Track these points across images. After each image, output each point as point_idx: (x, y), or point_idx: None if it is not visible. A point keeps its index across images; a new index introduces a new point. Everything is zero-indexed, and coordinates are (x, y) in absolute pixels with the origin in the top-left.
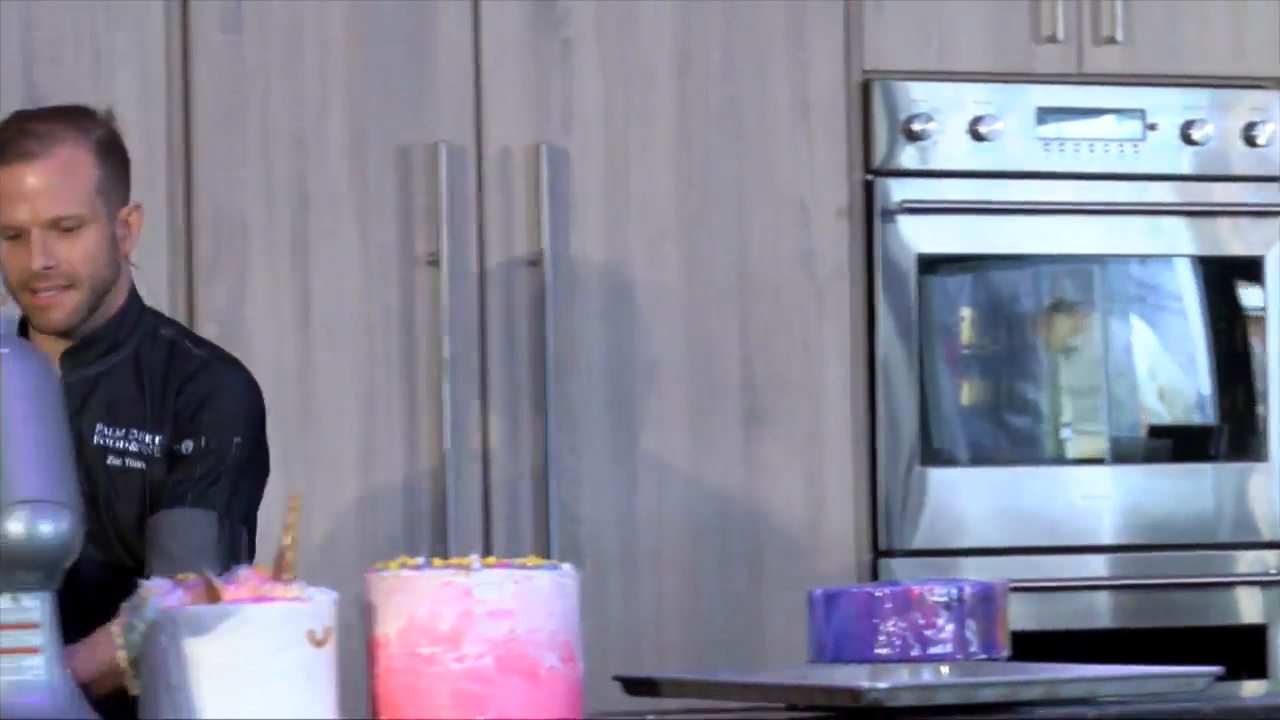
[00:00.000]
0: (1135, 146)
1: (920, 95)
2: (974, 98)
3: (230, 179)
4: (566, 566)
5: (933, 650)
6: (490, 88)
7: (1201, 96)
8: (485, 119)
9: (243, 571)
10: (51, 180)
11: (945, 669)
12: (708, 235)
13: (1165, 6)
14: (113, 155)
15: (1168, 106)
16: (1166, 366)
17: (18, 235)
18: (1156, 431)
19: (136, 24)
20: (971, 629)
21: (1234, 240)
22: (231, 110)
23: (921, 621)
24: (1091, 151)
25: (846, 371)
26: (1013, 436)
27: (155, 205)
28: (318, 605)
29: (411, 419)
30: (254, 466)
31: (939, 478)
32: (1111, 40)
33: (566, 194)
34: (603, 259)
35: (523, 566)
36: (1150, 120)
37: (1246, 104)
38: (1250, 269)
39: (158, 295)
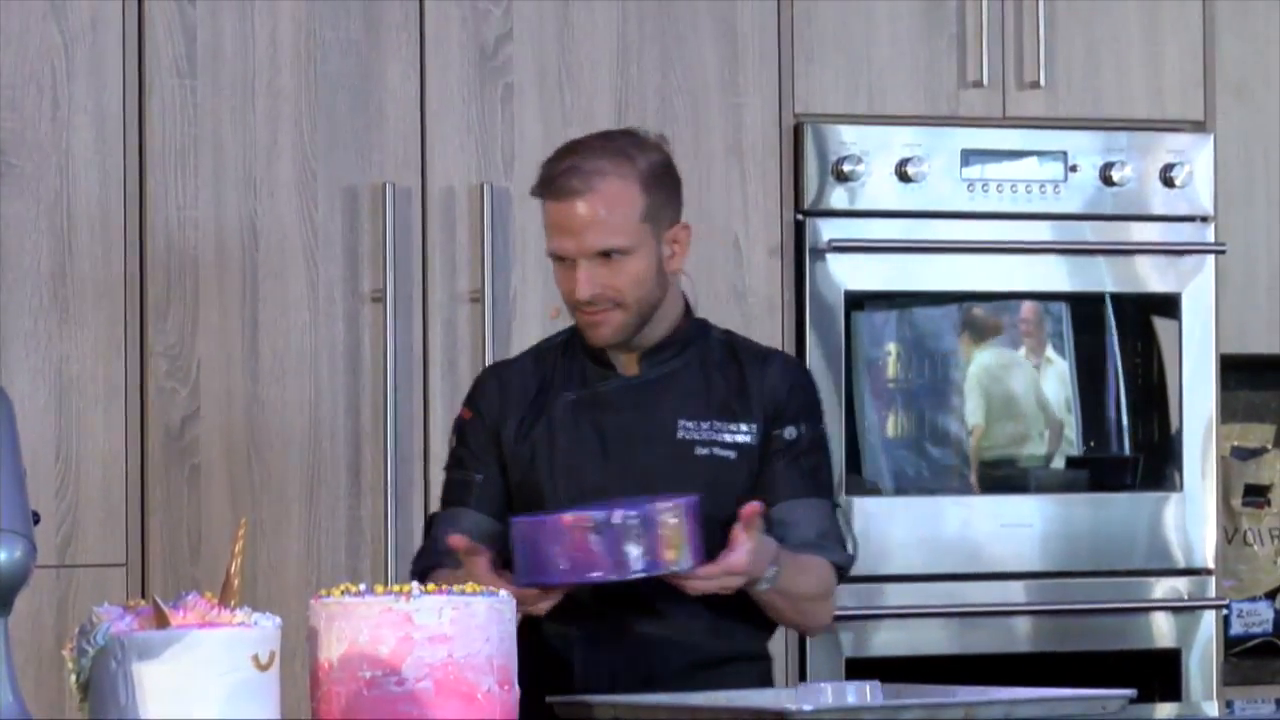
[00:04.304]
0: (1057, 187)
1: (850, 138)
2: (901, 140)
3: (182, 218)
4: (503, 593)
5: (592, 575)
6: (435, 131)
7: (1121, 139)
8: (430, 161)
9: (190, 597)
10: (598, 215)
11: (867, 689)
12: None
13: (1086, 53)
14: (661, 181)
15: (1088, 149)
16: (1085, 399)
17: (565, 259)
18: (1075, 462)
19: (95, 69)
20: (633, 550)
21: (1151, 278)
22: (184, 152)
23: (575, 546)
24: (1014, 192)
25: None
26: (935, 467)
27: (115, 242)
28: (262, 631)
29: (356, 450)
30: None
31: (864, 507)
32: (1035, 85)
33: (508, 232)
34: (541, 296)
35: (461, 593)
36: (1072, 162)
37: (1164, 147)
38: (1166, 306)
39: (112, 330)
